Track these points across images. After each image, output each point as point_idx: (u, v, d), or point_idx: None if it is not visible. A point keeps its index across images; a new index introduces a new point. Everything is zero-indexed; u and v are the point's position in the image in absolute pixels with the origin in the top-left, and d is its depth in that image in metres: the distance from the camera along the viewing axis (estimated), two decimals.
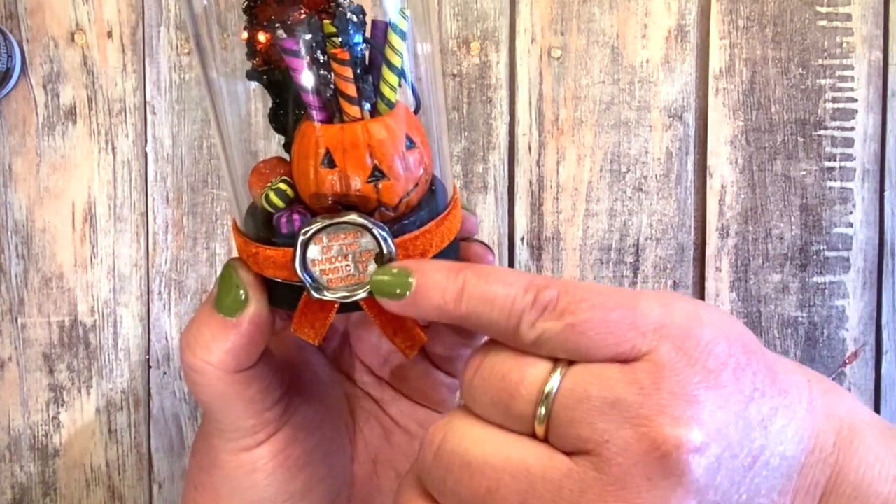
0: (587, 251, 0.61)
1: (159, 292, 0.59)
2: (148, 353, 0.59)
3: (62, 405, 0.59)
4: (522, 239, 0.61)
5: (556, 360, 0.29)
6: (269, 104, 0.35)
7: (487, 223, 0.60)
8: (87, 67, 0.58)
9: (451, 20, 0.60)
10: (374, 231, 0.31)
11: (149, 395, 0.60)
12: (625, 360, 0.28)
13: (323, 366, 0.42)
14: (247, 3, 0.33)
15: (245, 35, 0.33)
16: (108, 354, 0.59)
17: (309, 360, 0.41)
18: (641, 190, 0.61)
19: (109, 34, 0.58)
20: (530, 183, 0.61)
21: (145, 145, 0.59)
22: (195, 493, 0.39)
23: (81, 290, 0.59)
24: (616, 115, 0.61)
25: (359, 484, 0.41)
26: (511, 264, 0.61)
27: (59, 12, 0.58)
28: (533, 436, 0.28)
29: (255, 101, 0.36)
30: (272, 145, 0.36)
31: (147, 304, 0.59)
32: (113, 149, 0.59)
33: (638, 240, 0.61)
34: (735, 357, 0.28)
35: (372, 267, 0.32)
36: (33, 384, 0.59)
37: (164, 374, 0.59)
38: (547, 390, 0.28)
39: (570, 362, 0.29)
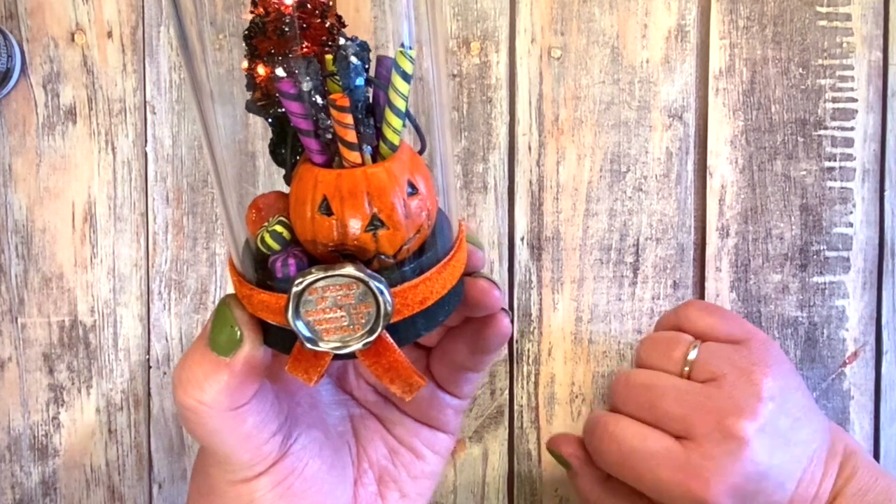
0: (587, 251, 0.61)
1: (159, 292, 0.59)
2: (148, 353, 0.59)
3: (62, 405, 0.59)
4: (522, 239, 0.61)
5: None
6: (270, 136, 0.33)
7: (487, 223, 0.60)
8: (87, 67, 0.58)
9: (451, 20, 0.60)
10: (371, 284, 0.30)
11: (149, 395, 0.60)
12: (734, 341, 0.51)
13: (326, 386, 0.42)
14: (246, 32, 0.31)
15: (245, 66, 0.32)
16: (108, 354, 0.59)
17: (308, 385, 0.41)
18: (641, 190, 0.61)
19: (109, 34, 0.58)
20: (530, 183, 0.61)
21: (145, 145, 0.59)
22: None
23: (81, 290, 0.59)
24: (616, 115, 0.61)
25: None
26: (511, 264, 0.61)
27: (59, 12, 0.58)
28: (680, 376, 0.50)
29: (256, 136, 0.35)
30: (260, 185, 0.34)
31: (147, 304, 0.59)
32: (113, 149, 0.59)
33: (638, 240, 0.61)
34: (790, 363, 0.51)
35: (369, 316, 0.31)
36: (33, 384, 0.59)
37: (164, 374, 0.59)
38: (695, 344, 0.51)
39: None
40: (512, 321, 0.60)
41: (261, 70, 0.31)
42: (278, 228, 0.32)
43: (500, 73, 0.60)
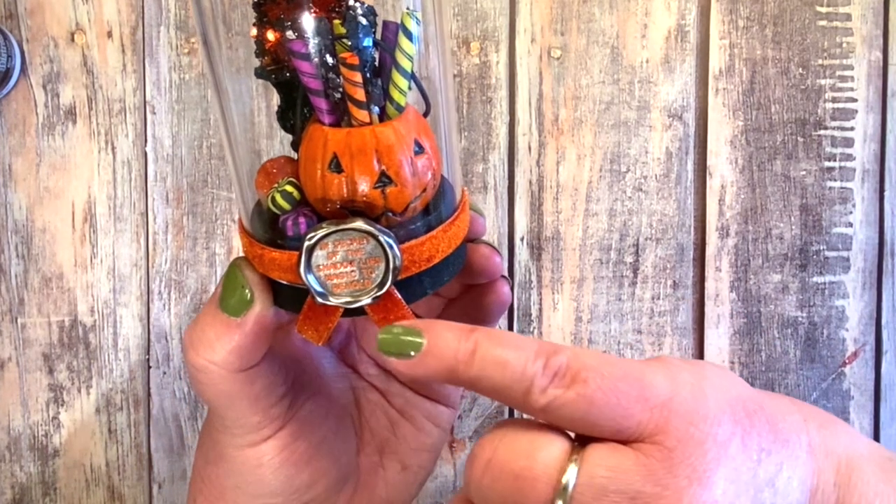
0: (587, 251, 0.61)
1: (159, 292, 0.59)
2: (148, 353, 0.59)
3: (62, 405, 0.59)
4: (522, 239, 0.61)
5: (571, 449, 0.29)
6: (277, 102, 0.34)
7: (487, 223, 0.60)
8: (87, 67, 0.58)
9: (451, 20, 0.60)
10: (381, 238, 0.31)
11: (149, 395, 0.60)
12: (630, 434, 0.29)
13: (328, 358, 0.42)
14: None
15: (254, 33, 0.33)
16: (108, 354, 0.59)
17: (314, 354, 0.41)
18: (641, 190, 0.61)
19: (109, 34, 0.58)
20: (530, 183, 0.61)
21: (145, 145, 0.59)
22: (201, 484, 0.39)
23: (81, 290, 0.59)
24: (616, 115, 0.61)
25: (364, 475, 0.42)
26: (511, 264, 0.61)
27: (59, 12, 0.58)
28: None
29: (261, 97, 0.35)
30: (275, 144, 0.35)
31: (147, 304, 0.59)
32: (113, 149, 0.59)
33: (638, 240, 0.61)
34: (740, 424, 0.29)
35: (378, 271, 0.32)
36: (33, 384, 0.59)
37: (164, 374, 0.59)
38: (564, 483, 0.28)
39: (584, 444, 0.29)
40: (512, 288, 0.60)
41: (270, 36, 0.32)
42: (288, 188, 0.33)
43: (500, 73, 0.60)
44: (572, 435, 0.30)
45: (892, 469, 0.32)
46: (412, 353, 0.30)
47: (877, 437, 0.63)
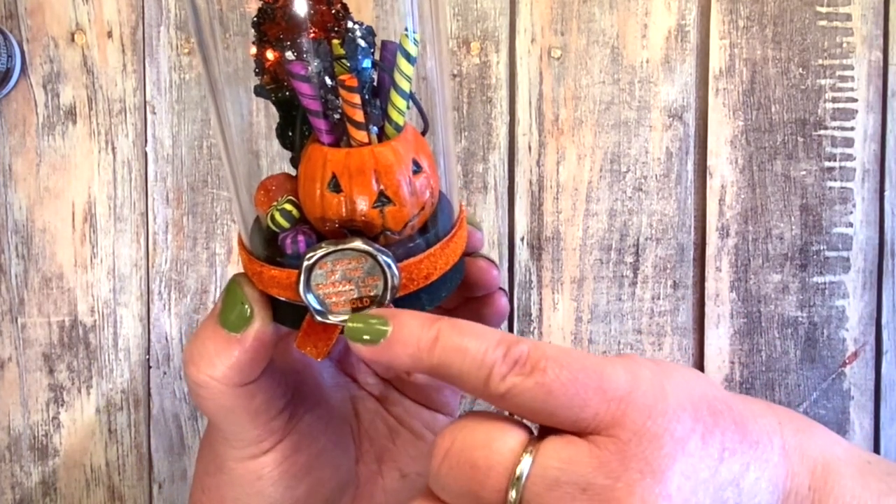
0: (587, 251, 0.61)
1: (159, 292, 0.59)
2: (148, 353, 0.59)
3: (62, 405, 0.59)
4: (522, 239, 0.61)
5: (528, 441, 0.29)
6: (277, 119, 0.34)
7: (487, 223, 0.60)
8: (87, 67, 0.58)
9: (451, 20, 0.60)
10: (379, 258, 0.31)
11: (149, 395, 0.60)
12: (588, 426, 0.29)
13: (327, 369, 0.42)
14: (255, 18, 0.32)
15: (253, 51, 0.33)
16: (108, 354, 0.59)
17: (313, 365, 0.41)
18: (641, 190, 0.61)
19: (109, 34, 0.58)
20: (530, 183, 0.61)
21: (145, 145, 0.59)
22: (201, 495, 0.39)
23: (81, 290, 0.59)
24: (616, 115, 0.61)
25: (363, 483, 0.42)
26: (511, 264, 0.61)
27: (59, 12, 0.58)
28: None
29: (259, 111, 0.36)
30: (273, 145, 0.35)
31: (147, 304, 0.59)
32: (113, 149, 0.59)
33: (638, 240, 0.61)
34: (702, 422, 0.29)
35: (377, 289, 0.32)
36: (33, 384, 0.59)
37: (164, 374, 0.59)
38: (518, 473, 0.28)
39: (540, 438, 0.29)
40: (510, 301, 0.60)
41: (270, 55, 0.32)
42: (287, 207, 0.33)
43: (500, 73, 0.60)
44: (535, 428, 0.30)
45: (871, 473, 0.31)
46: (377, 340, 0.31)
47: (877, 437, 0.63)
